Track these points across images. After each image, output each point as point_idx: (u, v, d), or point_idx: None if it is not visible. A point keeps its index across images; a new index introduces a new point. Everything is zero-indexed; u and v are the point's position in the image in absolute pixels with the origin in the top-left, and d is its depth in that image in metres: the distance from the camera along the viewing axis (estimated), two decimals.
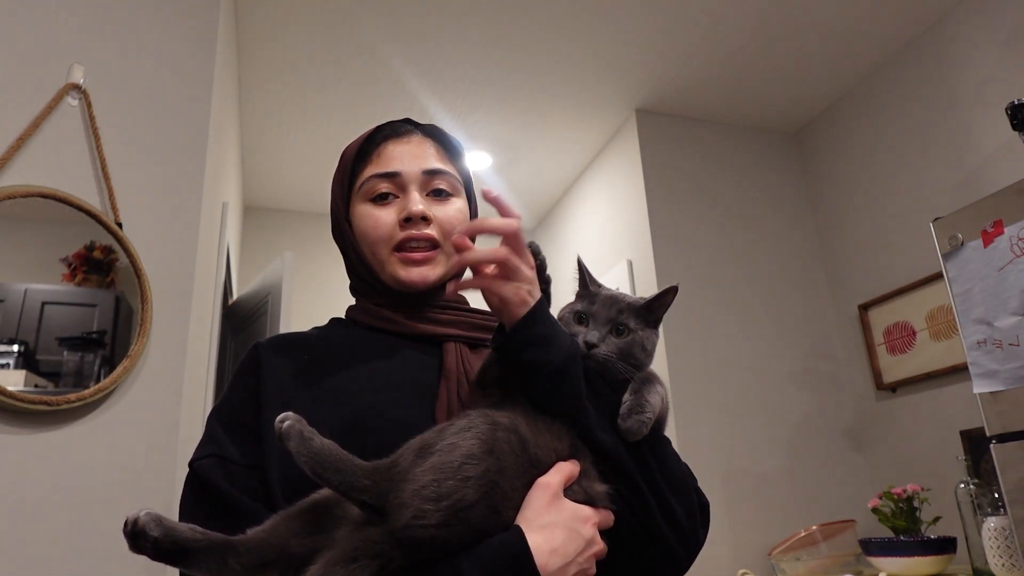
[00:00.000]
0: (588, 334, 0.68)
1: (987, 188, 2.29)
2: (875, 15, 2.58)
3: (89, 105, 1.68)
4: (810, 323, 3.01)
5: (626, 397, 0.65)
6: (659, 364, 2.75)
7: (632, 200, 3.08)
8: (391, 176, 0.81)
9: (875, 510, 2.28)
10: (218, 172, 2.17)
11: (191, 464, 0.71)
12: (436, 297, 0.82)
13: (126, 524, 0.54)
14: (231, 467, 0.69)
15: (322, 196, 3.73)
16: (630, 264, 3.04)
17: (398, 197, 0.81)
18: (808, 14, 2.56)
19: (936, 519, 2.17)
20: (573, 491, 0.62)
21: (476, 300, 0.86)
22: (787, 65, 2.84)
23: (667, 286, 0.71)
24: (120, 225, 1.63)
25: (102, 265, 1.60)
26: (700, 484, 0.74)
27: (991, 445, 1.71)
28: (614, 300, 0.71)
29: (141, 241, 1.65)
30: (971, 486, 1.96)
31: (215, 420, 0.75)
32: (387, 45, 2.62)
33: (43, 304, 1.53)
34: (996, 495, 1.85)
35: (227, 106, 2.39)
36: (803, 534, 2.37)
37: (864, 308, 2.83)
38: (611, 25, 2.57)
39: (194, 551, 0.55)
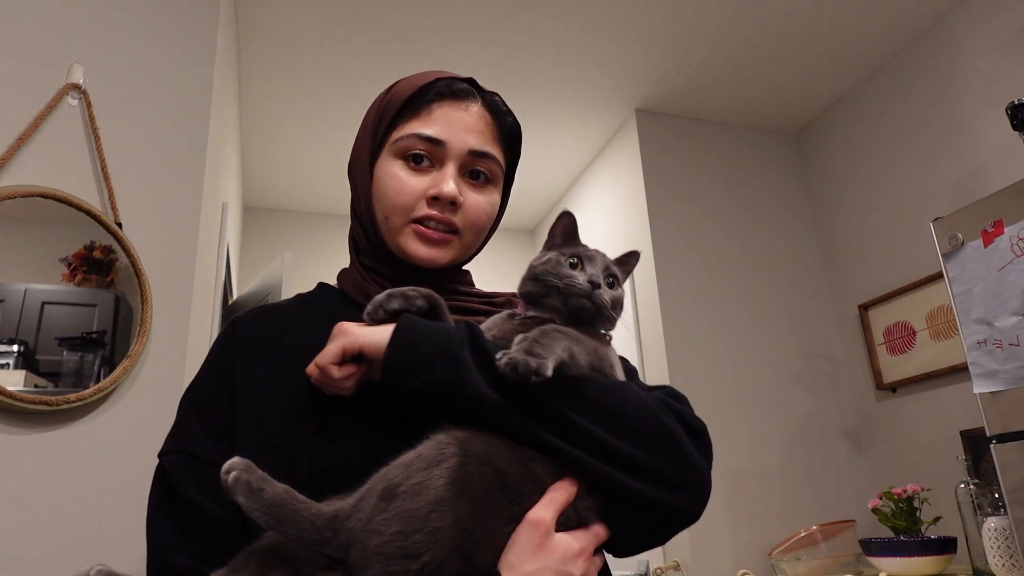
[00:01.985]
0: (591, 275, 0.63)
1: (987, 188, 2.29)
2: (875, 15, 2.58)
3: (89, 105, 1.68)
4: (810, 323, 3.01)
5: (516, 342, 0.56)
6: (659, 364, 2.75)
7: (632, 200, 3.08)
8: (434, 142, 0.72)
9: (875, 510, 2.28)
10: (218, 172, 2.17)
11: (160, 456, 0.67)
12: (437, 278, 0.76)
13: None
14: (201, 466, 0.64)
15: (322, 196, 3.73)
16: None
17: (433, 167, 0.73)
18: (808, 14, 2.56)
19: (936, 519, 2.17)
20: (566, 515, 0.56)
21: (481, 283, 0.83)
22: (787, 65, 2.84)
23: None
24: (120, 225, 1.63)
25: (102, 265, 1.60)
26: None
27: (991, 445, 1.71)
28: (600, 253, 0.68)
29: (141, 241, 1.65)
30: (971, 486, 1.96)
31: (188, 405, 0.69)
32: (387, 45, 2.62)
33: (43, 304, 1.53)
34: (996, 495, 1.85)
35: (227, 106, 2.38)
36: (803, 534, 2.37)
37: (864, 308, 2.83)
38: (611, 25, 2.57)
39: None
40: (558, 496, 0.55)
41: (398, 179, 0.72)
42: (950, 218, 1.87)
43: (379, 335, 0.59)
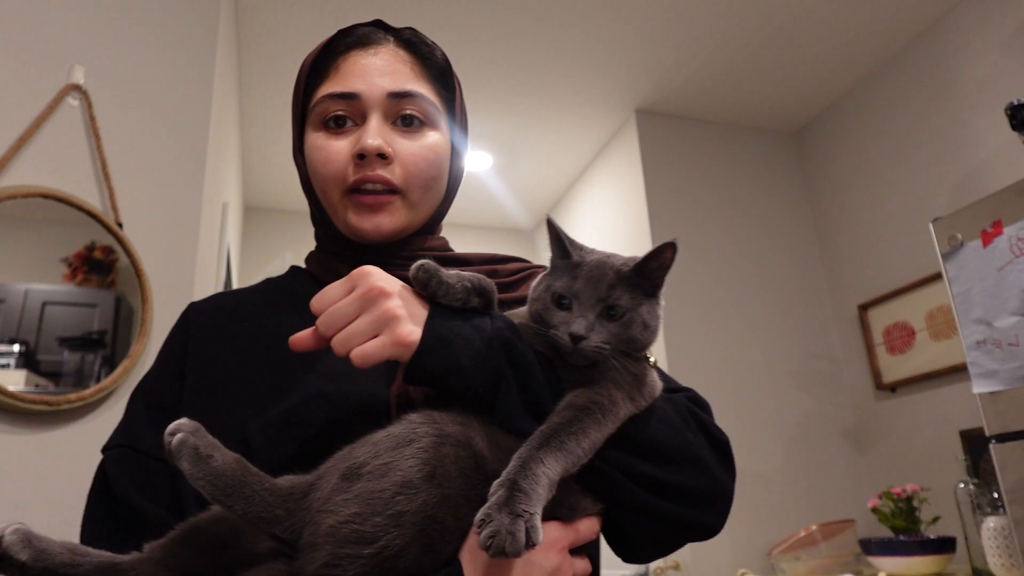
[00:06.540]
0: (574, 324, 0.53)
1: (987, 188, 2.29)
2: (875, 15, 2.58)
3: (89, 105, 1.68)
4: (810, 323, 3.01)
5: (493, 488, 0.46)
6: (659, 365, 2.75)
7: (632, 200, 3.08)
8: (348, 97, 0.65)
9: (875, 510, 2.28)
10: (218, 172, 2.17)
11: (102, 451, 0.62)
12: (405, 248, 0.69)
13: None
14: (142, 460, 0.60)
15: None
16: None
17: (357, 124, 0.66)
18: (808, 14, 2.56)
19: (935, 519, 2.18)
20: (560, 512, 0.53)
21: (458, 246, 0.75)
22: (787, 65, 2.84)
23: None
24: (120, 225, 1.63)
25: (102, 265, 1.61)
26: None
27: (990, 445, 1.71)
28: (601, 272, 0.55)
29: (141, 241, 1.65)
30: (970, 486, 1.96)
31: (136, 398, 0.65)
32: None
33: (44, 304, 1.53)
34: (995, 495, 1.85)
35: (227, 106, 2.39)
36: (803, 534, 2.37)
37: (864, 308, 2.83)
38: (611, 25, 2.57)
39: None
40: None
41: (322, 149, 0.66)
42: (949, 218, 1.87)
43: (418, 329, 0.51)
